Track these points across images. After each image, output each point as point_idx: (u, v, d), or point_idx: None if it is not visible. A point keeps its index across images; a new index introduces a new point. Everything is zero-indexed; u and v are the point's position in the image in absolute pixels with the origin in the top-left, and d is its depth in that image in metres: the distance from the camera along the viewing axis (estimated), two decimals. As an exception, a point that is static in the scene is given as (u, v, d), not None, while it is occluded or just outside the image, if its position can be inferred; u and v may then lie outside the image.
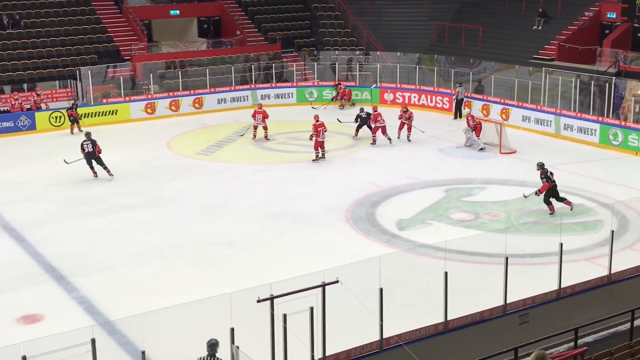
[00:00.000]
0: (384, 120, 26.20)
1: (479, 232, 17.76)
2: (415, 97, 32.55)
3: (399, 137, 26.58)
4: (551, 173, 19.09)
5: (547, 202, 18.93)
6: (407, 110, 26.95)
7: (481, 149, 25.38)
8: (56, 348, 9.01)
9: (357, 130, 26.92)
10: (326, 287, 10.55)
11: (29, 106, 29.23)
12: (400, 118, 26.76)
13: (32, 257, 16.70)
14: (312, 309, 10.27)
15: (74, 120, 28.24)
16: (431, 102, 32.17)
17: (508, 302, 12.47)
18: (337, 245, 17.32)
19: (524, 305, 12.64)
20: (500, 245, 13.30)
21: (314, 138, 24.06)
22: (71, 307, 14.31)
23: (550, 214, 18.84)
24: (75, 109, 28.36)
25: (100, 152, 22.19)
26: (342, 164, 24.17)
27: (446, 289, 11.77)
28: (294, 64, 35.46)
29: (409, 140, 26.48)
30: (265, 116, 26.79)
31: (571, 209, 18.85)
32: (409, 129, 26.60)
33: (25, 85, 30.59)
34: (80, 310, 14.13)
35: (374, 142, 26.12)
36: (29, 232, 18.21)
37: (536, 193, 19.09)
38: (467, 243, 16.06)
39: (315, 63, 35.44)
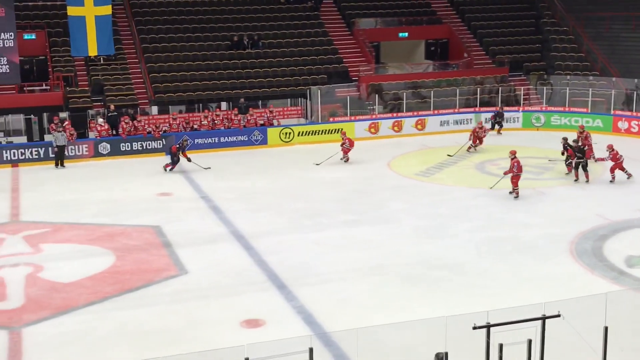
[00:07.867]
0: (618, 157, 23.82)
1: None
2: (652, 126, 30.63)
3: None
4: None
5: None
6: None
7: None
8: (276, 353, 9.40)
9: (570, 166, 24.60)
10: (546, 320, 10.14)
11: (262, 122, 30.98)
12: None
13: (257, 265, 17.60)
14: (530, 341, 9.93)
15: None
16: (670, 132, 30.06)
17: None
18: (560, 278, 16.56)
19: None
20: None
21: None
22: (290, 315, 14.88)
23: None
24: None
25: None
26: (568, 194, 23.13)
27: (680, 334, 10.88)
28: (522, 88, 34.63)
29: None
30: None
31: None
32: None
33: (259, 102, 32.51)
34: (299, 319, 14.66)
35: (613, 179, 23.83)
36: (256, 240, 19.22)
37: None
38: None
39: (545, 87, 34.35)
